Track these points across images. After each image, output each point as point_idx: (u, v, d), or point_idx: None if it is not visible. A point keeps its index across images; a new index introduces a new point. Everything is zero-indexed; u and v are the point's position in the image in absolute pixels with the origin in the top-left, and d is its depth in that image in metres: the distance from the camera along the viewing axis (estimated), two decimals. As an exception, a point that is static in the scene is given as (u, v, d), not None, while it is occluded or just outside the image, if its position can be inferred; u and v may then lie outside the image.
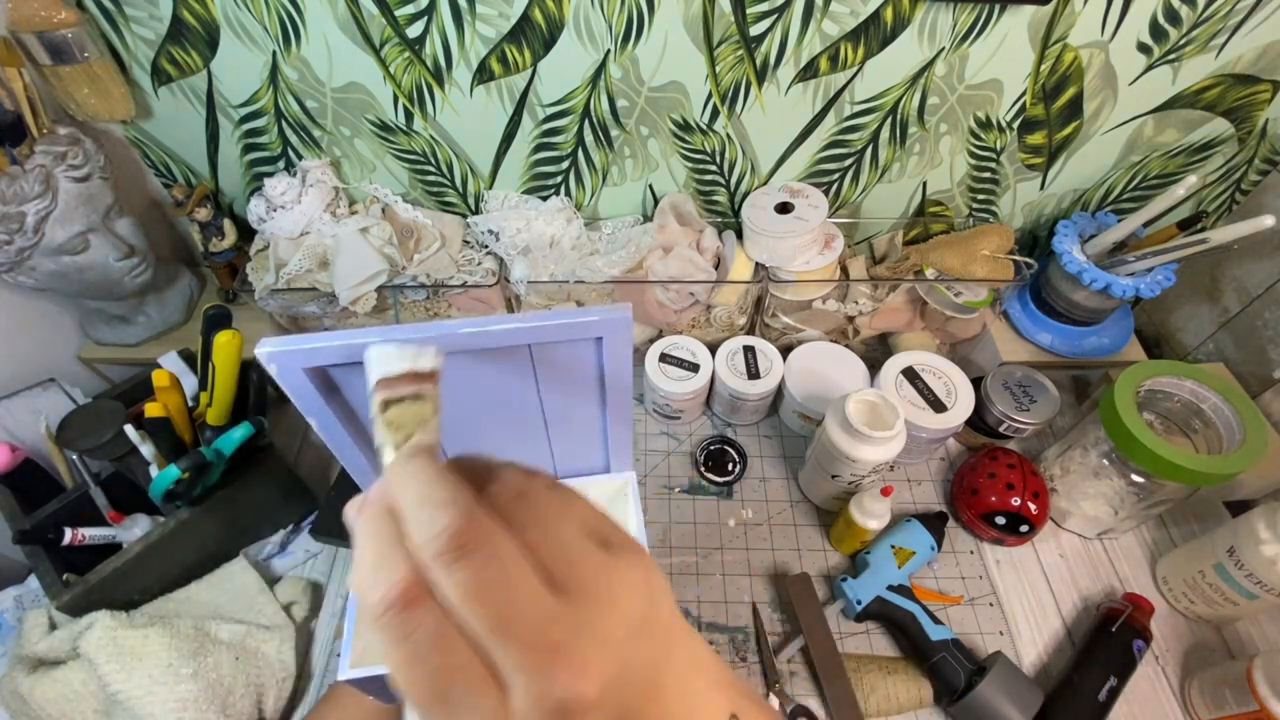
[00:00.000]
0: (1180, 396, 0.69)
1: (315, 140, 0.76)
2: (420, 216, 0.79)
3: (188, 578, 0.65)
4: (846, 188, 0.81)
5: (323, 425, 0.40)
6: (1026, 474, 0.71)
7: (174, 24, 0.65)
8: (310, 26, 0.65)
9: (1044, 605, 0.70)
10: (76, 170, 0.65)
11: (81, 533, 0.59)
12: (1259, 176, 0.79)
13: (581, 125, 0.73)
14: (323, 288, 0.72)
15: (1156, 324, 0.92)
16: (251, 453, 0.65)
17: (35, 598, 0.67)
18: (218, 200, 0.82)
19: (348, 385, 0.39)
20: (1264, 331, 0.77)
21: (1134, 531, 0.75)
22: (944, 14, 0.63)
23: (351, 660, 0.40)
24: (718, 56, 0.67)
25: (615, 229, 0.82)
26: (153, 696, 0.55)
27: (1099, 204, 0.83)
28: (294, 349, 0.35)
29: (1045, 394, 0.76)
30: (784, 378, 0.79)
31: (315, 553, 0.72)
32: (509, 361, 0.39)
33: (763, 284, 0.78)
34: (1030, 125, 0.74)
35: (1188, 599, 0.68)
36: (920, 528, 0.69)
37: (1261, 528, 0.60)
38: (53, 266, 0.67)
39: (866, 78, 0.68)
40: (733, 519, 0.76)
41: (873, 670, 0.63)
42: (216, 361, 0.56)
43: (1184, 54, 0.66)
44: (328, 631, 0.67)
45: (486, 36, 0.65)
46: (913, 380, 0.74)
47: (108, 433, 0.58)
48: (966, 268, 0.74)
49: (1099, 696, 0.60)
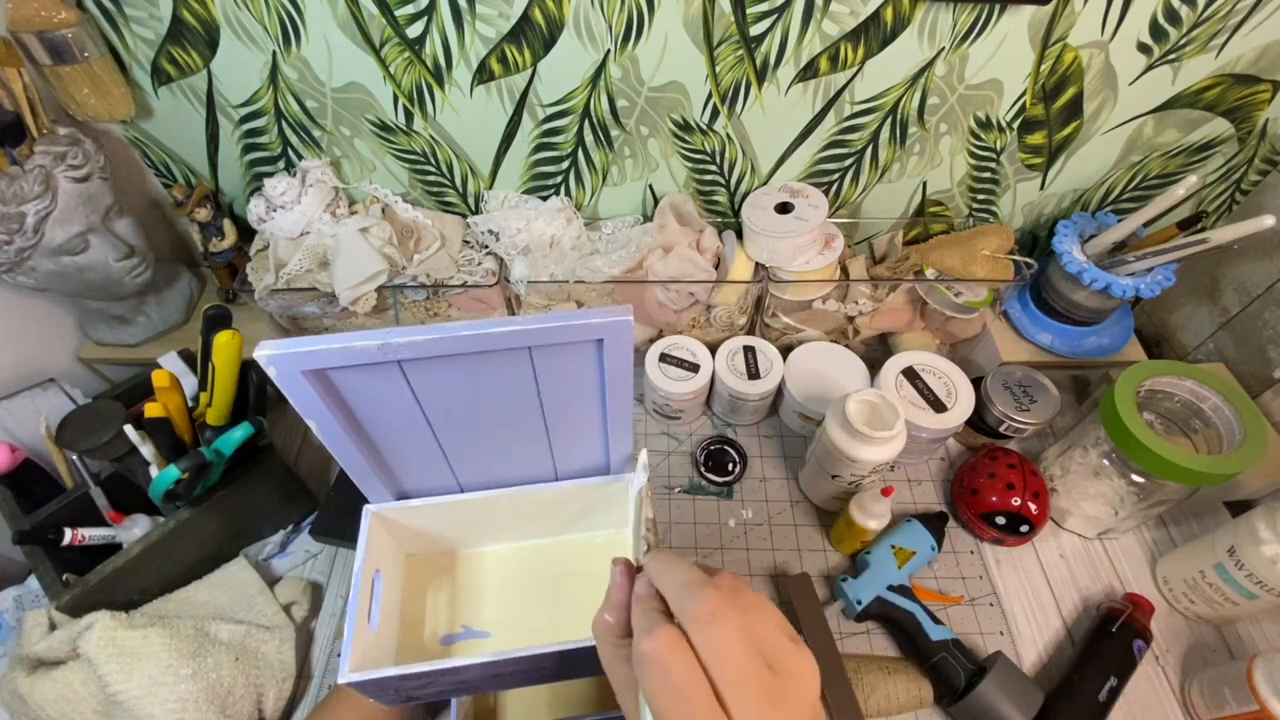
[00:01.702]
0: (1180, 396, 0.69)
1: (315, 140, 0.76)
2: (420, 216, 0.79)
3: (188, 578, 0.65)
4: (846, 188, 0.81)
5: (322, 428, 0.40)
6: (1027, 474, 0.71)
7: (174, 24, 0.65)
8: (310, 26, 0.65)
9: (1044, 605, 0.70)
10: (76, 170, 0.65)
11: (81, 533, 0.59)
12: (1259, 176, 0.79)
13: (581, 125, 0.73)
14: (323, 288, 0.72)
15: (1156, 324, 0.92)
16: (251, 453, 0.65)
17: (35, 598, 0.67)
18: (218, 200, 0.82)
19: (346, 387, 0.39)
20: (1264, 331, 0.77)
21: (1134, 531, 0.75)
22: (944, 14, 0.63)
23: (352, 664, 0.40)
24: (718, 56, 0.66)
25: (615, 229, 0.82)
26: (152, 697, 0.55)
27: (1099, 204, 0.83)
28: (293, 352, 0.35)
29: (1045, 394, 0.76)
30: (784, 378, 0.79)
31: (315, 553, 0.72)
32: (509, 363, 0.39)
33: (763, 284, 0.78)
34: (1030, 125, 0.74)
35: (1188, 599, 0.68)
36: (920, 528, 0.69)
37: (1261, 528, 0.60)
38: (52, 266, 0.67)
39: (866, 78, 0.68)
40: (733, 519, 0.76)
41: (873, 670, 0.63)
42: (216, 361, 0.56)
43: (1184, 54, 0.66)
44: (328, 631, 0.67)
45: (486, 36, 0.65)
46: (913, 380, 0.74)
47: (108, 433, 0.58)
48: (966, 268, 0.74)
49: (1099, 696, 0.60)
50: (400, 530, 0.50)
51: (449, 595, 0.51)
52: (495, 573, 0.53)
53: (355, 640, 0.41)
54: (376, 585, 0.46)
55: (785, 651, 0.27)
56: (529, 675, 0.46)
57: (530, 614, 0.50)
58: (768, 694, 0.25)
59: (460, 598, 0.51)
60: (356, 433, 0.42)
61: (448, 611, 0.50)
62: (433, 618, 0.50)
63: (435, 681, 0.42)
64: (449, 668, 0.40)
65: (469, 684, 0.45)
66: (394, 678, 0.40)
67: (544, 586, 0.52)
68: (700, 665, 0.25)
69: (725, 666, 0.25)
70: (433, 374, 0.39)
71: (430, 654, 0.48)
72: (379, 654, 0.44)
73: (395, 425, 0.42)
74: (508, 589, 0.52)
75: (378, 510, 0.48)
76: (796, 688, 0.26)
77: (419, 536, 0.52)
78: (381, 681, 0.40)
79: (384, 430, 0.43)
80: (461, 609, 0.51)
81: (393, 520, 0.49)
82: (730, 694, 0.25)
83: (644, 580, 0.30)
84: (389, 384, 0.39)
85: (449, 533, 0.52)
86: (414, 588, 0.51)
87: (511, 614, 0.50)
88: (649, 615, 0.28)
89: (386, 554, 0.49)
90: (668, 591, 0.28)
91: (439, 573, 0.52)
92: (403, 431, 0.43)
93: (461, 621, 0.50)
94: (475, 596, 0.51)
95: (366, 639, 0.42)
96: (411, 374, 0.38)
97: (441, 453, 0.46)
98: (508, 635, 0.49)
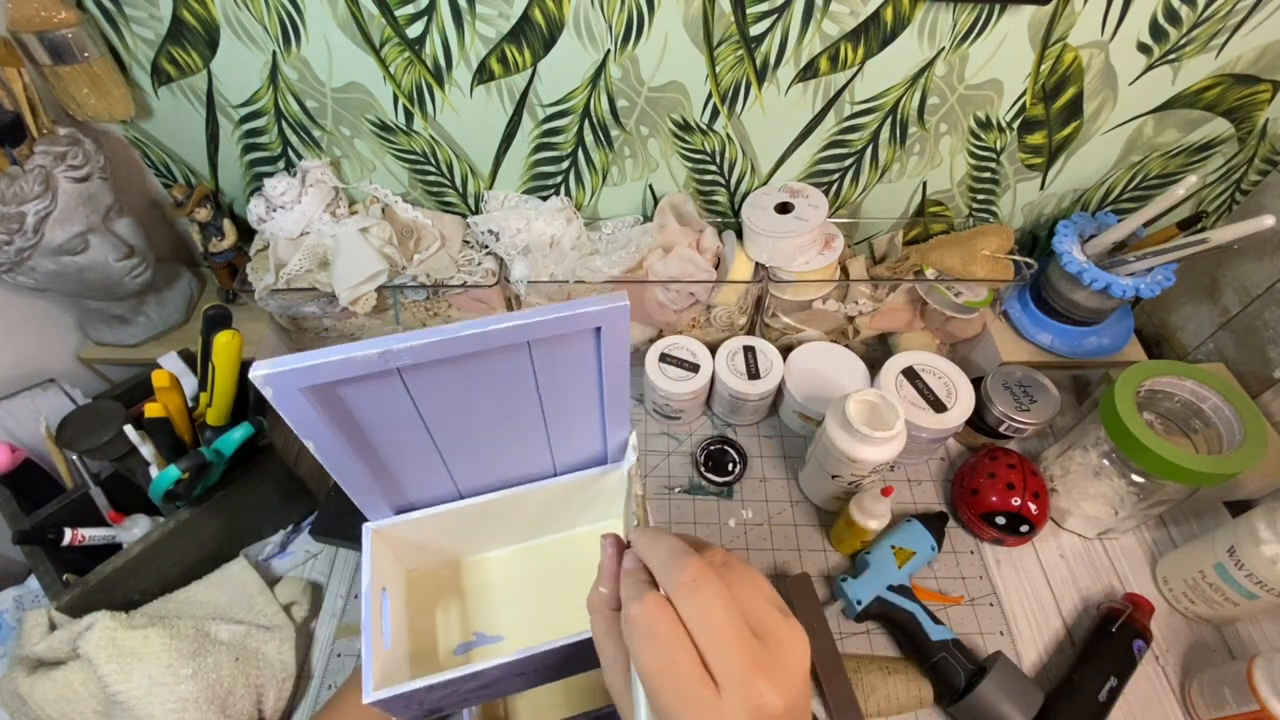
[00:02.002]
0: (1180, 396, 0.69)
1: (315, 140, 0.76)
2: (420, 216, 0.79)
3: (188, 578, 0.65)
4: (846, 188, 0.81)
5: (320, 447, 0.38)
6: (1026, 474, 0.71)
7: (174, 24, 0.65)
8: (310, 26, 0.65)
9: (1044, 605, 0.70)
10: (76, 170, 0.65)
11: (81, 533, 0.59)
12: (1259, 176, 0.79)
13: (581, 125, 0.73)
14: (323, 288, 0.72)
15: (1156, 324, 0.92)
16: (251, 453, 0.65)
17: (35, 598, 0.67)
18: (218, 200, 0.82)
19: (344, 401, 0.38)
20: (1264, 331, 0.77)
21: (1134, 531, 0.75)
22: (944, 14, 0.63)
23: (374, 682, 0.39)
24: (718, 56, 0.66)
25: (615, 229, 0.82)
26: (152, 697, 0.55)
27: (1099, 204, 0.83)
28: (291, 369, 0.33)
29: (1045, 394, 0.76)
30: (784, 378, 0.79)
31: (315, 553, 0.72)
32: (508, 360, 0.39)
33: (763, 284, 0.78)
34: (1030, 125, 0.74)
35: (1188, 599, 0.68)
36: (920, 528, 0.69)
37: (1261, 528, 0.60)
38: (52, 266, 0.67)
39: (866, 78, 0.68)
40: (733, 519, 0.76)
41: (873, 670, 0.63)
42: (216, 362, 0.56)
43: (1184, 54, 0.66)
44: (328, 631, 0.67)
45: (486, 36, 0.65)
46: (913, 380, 0.74)
47: (108, 433, 0.58)
48: (966, 268, 0.74)
49: (1099, 696, 0.60)
50: (402, 545, 0.50)
51: (457, 605, 0.51)
52: (501, 577, 0.52)
53: (374, 660, 0.40)
54: (385, 603, 0.45)
55: (773, 621, 0.27)
56: (552, 671, 0.45)
57: (541, 613, 0.50)
58: (754, 660, 0.25)
59: (469, 606, 0.51)
60: (355, 448, 0.41)
61: (458, 621, 0.50)
62: (444, 629, 0.50)
63: (459, 689, 0.42)
64: (472, 672, 0.39)
65: (491, 687, 0.44)
66: (419, 690, 0.39)
67: (551, 584, 0.52)
68: (686, 631, 0.26)
69: (708, 631, 0.25)
70: (431, 378, 0.38)
71: (445, 665, 0.47)
72: (394, 672, 0.43)
73: (393, 435, 0.41)
74: (515, 591, 0.52)
75: (378, 527, 0.47)
76: (785, 656, 0.26)
77: (421, 549, 0.51)
78: (407, 696, 0.39)
79: (382, 442, 0.42)
80: (471, 617, 0.50)
81: (394, 535, 0.48)
82: (714, 656, 0.25)
83: (631, 556, 0.31)
84: (387, 393, 0.38)
85: (451, 542, 0.52)
86: (420, 602, 0.51)
87: (522, 616, 0.50)
88: (636, 585, 0.28)
89: (390, 570, 0.48)
90: (654, 564, 0.29)
91: (444, 584, 0.52)
92: (401, 441, 0.42)
93: (473, 629, 0.49)
94: (484, 603, 0.51)
95: (383, 658, 0.42)
96: (410, 380, 0.38)
97: (441, 460, 0.45)
98: (521, 637, 0.49)
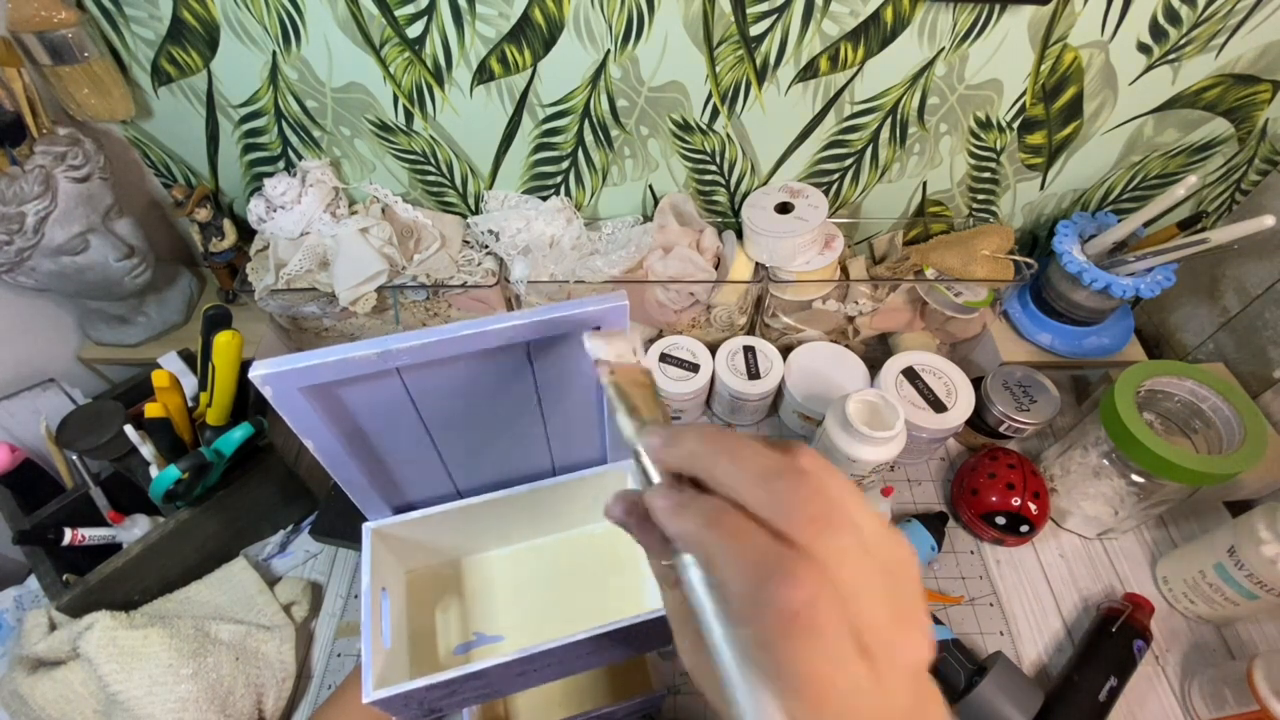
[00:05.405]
0: (1180, 396, 0.69)
1: (315, 140, 0.76)
2: (420, 216, 0.79)
3: (188, 578, 0.65)
4: (846, 188, 0.81)
5: (320, 446, 0.39)
6: (1027, 474, 0.71)
7: (174, 24, 0.65)
8: (310, 26, 0.65)
9: (1044, 605, 0.70)
10: (76, 170, 0.65)
11: (81, 533, 0.59)
12: (1259, 176, 0.79)
13: (581, 125, 0.73)
14: (323, 288, 0.72)
15: (1156, 324, 0.92)
16: (251, 453, 0.65)
17: (35, 598, 0.67)
18: (218, 200, 0.82)
19: (344, 400, 0.38)
20: (1264, 331, 0.77)
21: (1134, 531, 0.75)
22: (944, 14, 0.63)
23: (374, 682, 0.39)
24: (718, 56, 0.66)
25: (615, 229, 0.82)
26: (153, 697, 0.55)
27: (1099, 204, 0.83)
28: (290, 369, 0.33)
29: (1045, 394, 0.76)
30: (784, 378, 0.79)
31: (315, 553, 0.72)
32: (507, 359, 0.39)
33: (763, 284, 0.78)
34: (1030, 125, 0.74)
35: (1188, 599, 0.68)
36: (920, 528, 0.69)
37: (1261, 528, 0.60)
38: (53, 267, 0.67)
39: (866, 78, 0.68)
40: (733, 519, 0.76)
41: (873, 670, 0.63)
42: (216, 362, 0.56)
43: (1184, 54, 0.66)
44: (328, 631, 0.67)
45: (486, 36, 0.65)
46: (913, 380, 0.74)
47: (108, 433, 0.58)
48: (966, 268, 0.74)
49: (1099, 696, 0.60)
50: (401, 545, 0.50)
51: (457, 605, 0.51)
52: (501, 577, 0.53)
53: (374, 659, 0.40)
54: (384, 603, 0.45)
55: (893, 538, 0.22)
56: (552, 671, 0.46)
57: (540, 613, 0.50)
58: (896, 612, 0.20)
59: (468, 606, 0.51)
60: (355, 448, 0.41)
61: (458, 621, 0.50)
62: (443, 630, 0.50)
63: (459, 689, 0.42)
64: (472, 672, 0.39)
65: (492, 687, 0.45)
66: (419, 690, 0.39)
67: (551, 585, 0.52)
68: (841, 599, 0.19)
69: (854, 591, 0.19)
70: (431, 378, 0.38)
71: (445, 665, 0.47)
72: (394, 672, 0.43)
73: (393, 435, 0.42)
74: (515, 591, 0.52)
75: (377, 527, 0.47)
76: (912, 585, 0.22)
77: (421, 549, 0.51)
78: (407, 696, 0.39)
79: (382, 441, 0.42)
80: (471, 617, 0.50)
81: (393, 535, 0.48)
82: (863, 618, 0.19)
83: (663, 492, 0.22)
84: (386, 392, 0.38)
85: (451, 542, 0.52)
86: (420, 602, 0.51)
87: (522, 615, 0.50)
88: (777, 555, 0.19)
89: (390, 570, 0.48)
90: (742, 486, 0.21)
91: (444, 584, 0.52)
92: (400, 441, 0.42)
93: (473, 629, 0.49)
94: (483, 603, 0.51)
95: (382, 657, 0.42)
96: (409, 380, 0.38)
97: (440, 459, 0.45)
98: (521, 637, 0.49)
